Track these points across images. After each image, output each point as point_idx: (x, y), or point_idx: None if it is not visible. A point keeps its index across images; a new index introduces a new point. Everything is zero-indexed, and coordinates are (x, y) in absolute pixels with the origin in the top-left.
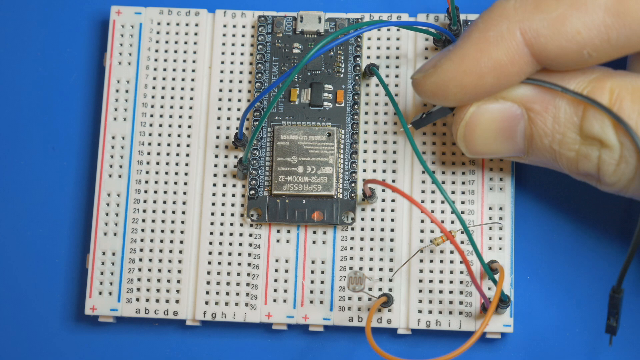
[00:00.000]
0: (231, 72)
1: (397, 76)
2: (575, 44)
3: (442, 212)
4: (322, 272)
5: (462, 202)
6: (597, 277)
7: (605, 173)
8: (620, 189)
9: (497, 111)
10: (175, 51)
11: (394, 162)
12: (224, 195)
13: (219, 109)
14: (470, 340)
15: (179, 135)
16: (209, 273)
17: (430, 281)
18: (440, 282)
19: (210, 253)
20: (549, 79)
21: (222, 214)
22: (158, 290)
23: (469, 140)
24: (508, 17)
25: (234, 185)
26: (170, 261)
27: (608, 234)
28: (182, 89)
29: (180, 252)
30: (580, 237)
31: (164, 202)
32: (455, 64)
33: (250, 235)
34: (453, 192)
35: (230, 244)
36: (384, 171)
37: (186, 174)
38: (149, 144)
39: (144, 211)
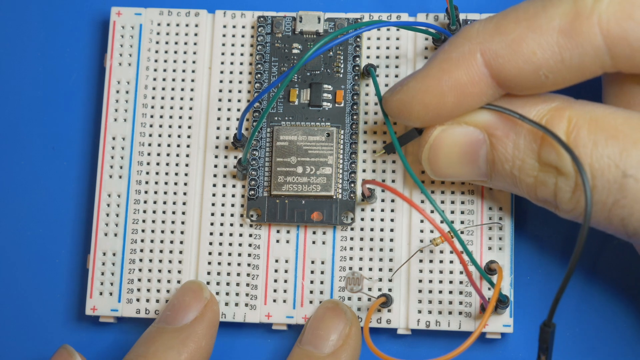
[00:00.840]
0: (231, 72)
1: (396, 76)
2: (531, 65)
3: (442, 211)
4: (322, 273)
5: (462, 202)
6: (597, 277)
7: (561, 200)
8: (576, 216)
9: (460, 135)
10: (175, 52)
11: (394, 162)
12: (223, 195)
13: (219, 109)
14: (468, 340)
15: (178, 136)
16: (208, 273)
17: (430, 281)
18: (440, 282)
19: (210, 253)
20: (511, 105)
21: (222, 215)
22: (158, 291)
23: (433, 163)
24: (470, 39)
25: (233, 186)
26: (170, 261)
27: (608, 233)
28: (182, 89)
29: (180, 252)
30: None
31: (164, 203)
32: (418, 83)
33: (250, 235)
34: (453, 192)
35: (230, 244)
36: (383, 171)
37: (186, 174)
38: (149, 144)
39: (144, 212)
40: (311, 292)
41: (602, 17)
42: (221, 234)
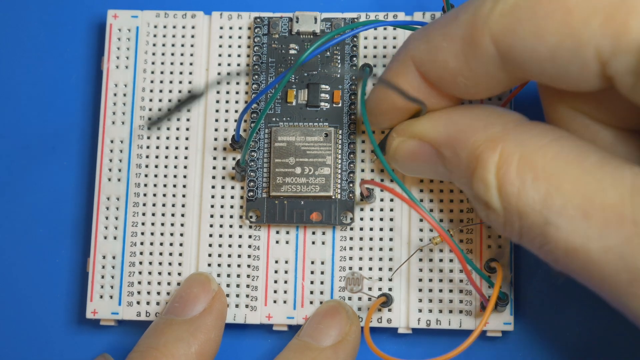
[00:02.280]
0: (228, 74)
1: None
2: (449, 73)
3: (441, 210)
4: (322, 273)
5: (461, 201)
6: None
7: (496, 229)
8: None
9: (415, 147)
10: (172, 54)
11: None
12: (222, 197)
13: (217, 110)
14: (469, 338)
15: (177, 138)
16: None
17: (430, 280)
18: (440, 281)
19: (209, 255)
20: (456, 126)
21: (221, 216)
22: (158, 293)
23: (399, 166)
24: (406, 47)
25: (232, 187)
26: (170, 264)
27: None
28: (180, 91)
29: (180, 254)
30: None
31: (163, 205)
32: (373, 92)
33: (250, 236)
34: (451, 191)
35: (230, 245)
36: (381, 171)
37: (185, 176)
38: (147, 147)
39: (144, 214)
40: (311, 292)
41: (492, 29)
42: (220, 236)
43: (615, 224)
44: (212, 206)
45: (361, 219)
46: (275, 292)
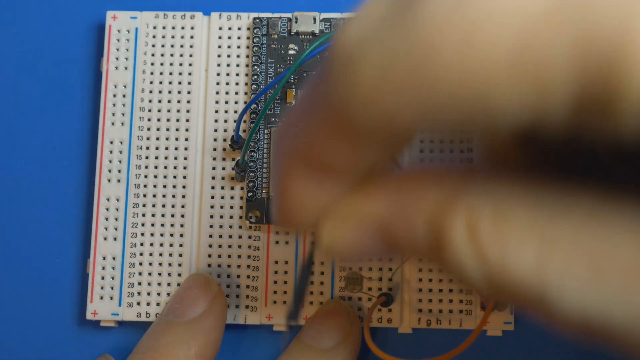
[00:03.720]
0: (227, 74)
1: None
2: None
3: None
4: (322, 273)
5: None
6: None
7: None
8: None
9: (356, 231)
10: (172, 55)
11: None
12: (222, 197)
13: (216, 111)
14: (469, 338)
15: (176, 139)
16: None
17: (430, 280)
18: (440, 280)
19: (209, 256)
20: (398, 194)
21: (221, 217)
22: (159, 294)
23: (338, 255)
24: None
25: (232, 188)
26: (170, 265)
27: None
28: (179, 92)
29: (180, 255)
30: None
31: (163, 206)
32: None
33: (250, 237)
34: None
35: (230, 246)
36: None
37: (184, 177)
38: (147, 147)
39: (144, 215)
40: (311, 292)
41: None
42: (220, 236)
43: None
44: (212, 207)
45: None
46: (275, 292)
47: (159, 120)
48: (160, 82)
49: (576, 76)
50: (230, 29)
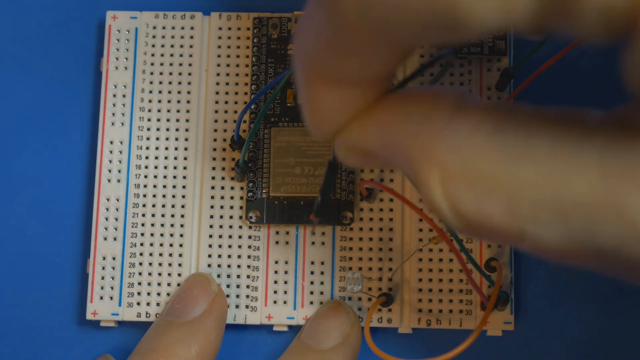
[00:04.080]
0: (227, 74)
1: None
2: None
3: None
4: (322, 273)
5: None
6: (598, 274)
7: None
8: None
9: (359, 157)
10: (172, 55)
11: None
12: (222, 197)
13: (216, 111)
14: (469, 338)
15: (176, 139)
16: None
17: (430, 280)
18: (440, 280)
19: (209, 256)
20: (389, 134)
21: (221, 217)
22: (159, 294)
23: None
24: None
25: (232, 188)
26: (170, 265)
27: None
28: (179, 92)
29: (180, 255)
30: None
31: (163, 206)
32: None
33: (250, 237)
34: None
35: (230, 246)
36: (381, 171)
37: (184, 177)
38: (147, 147)
39: (143, 215)
40: (311, 292)
41: None
42: (220, 236)
43: (598, 216)
44: (212, 207)
45: (361, 218)
46: (275, 292)
47: (159, 120)
48: (160, 82)
49: None
50: (230, 29)
